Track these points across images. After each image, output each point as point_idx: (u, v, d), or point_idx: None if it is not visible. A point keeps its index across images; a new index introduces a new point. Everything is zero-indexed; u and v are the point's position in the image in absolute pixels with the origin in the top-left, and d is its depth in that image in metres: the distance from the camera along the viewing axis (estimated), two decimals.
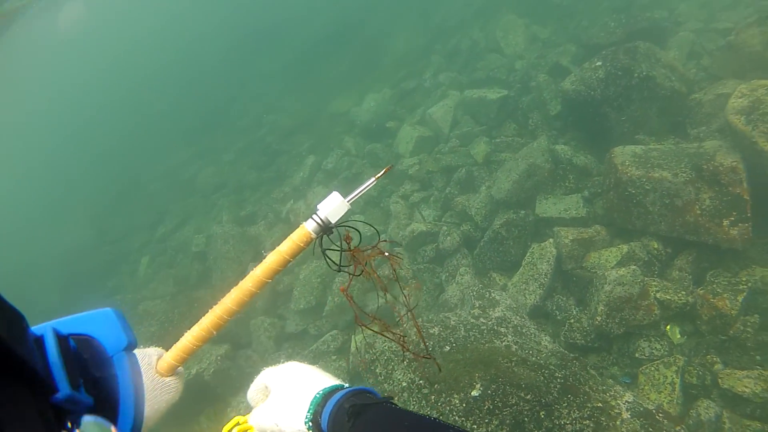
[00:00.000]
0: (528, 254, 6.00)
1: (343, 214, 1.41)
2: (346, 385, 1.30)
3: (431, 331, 4.95)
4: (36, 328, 0.79)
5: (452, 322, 5.06)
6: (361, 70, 13.31)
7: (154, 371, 1.31)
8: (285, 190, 9.90)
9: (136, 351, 1.00)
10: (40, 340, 0.72)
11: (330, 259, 1.44)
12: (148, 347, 1.38)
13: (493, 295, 5.50)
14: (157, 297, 9.25)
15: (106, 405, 0.85)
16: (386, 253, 1.49)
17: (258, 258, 8.48)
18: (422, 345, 4.42)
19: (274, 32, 21.61)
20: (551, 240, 5.97)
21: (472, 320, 5.10)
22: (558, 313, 5.48)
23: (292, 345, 6.94)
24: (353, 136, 10.24)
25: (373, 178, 1.38)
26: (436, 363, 2.19)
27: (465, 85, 9.83)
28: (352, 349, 6.06)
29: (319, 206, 1.39)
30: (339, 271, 1.44)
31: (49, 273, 15.11)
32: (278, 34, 21.21)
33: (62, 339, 0.75)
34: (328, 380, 1.33)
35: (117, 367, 0.90)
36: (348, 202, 1.39)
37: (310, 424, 1.21)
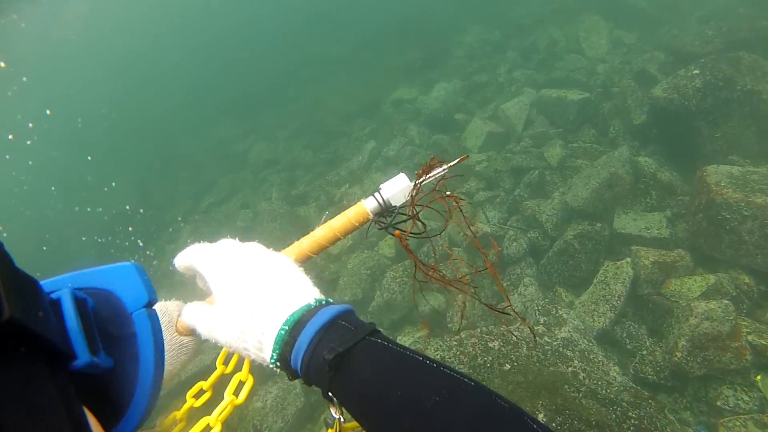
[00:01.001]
0: (601, 272, 5.57)
1: (406, 198, 1.28)
2: (312, 301, 1.04)
3: (490, 345, 4.58)
4: (48, 283, 0.79)
5: (514, 338, 4.67)
6: (430, 59, 12.93)
7: (174, 329, 1.22)
8: (341, 174, 9.59)
9: (155, 306, 0.93)
10: (56, 304, 0.69)
11: (394, 227, 1.29)
12: (169, 300, 1.28)
13: (560, 312, 5.08)
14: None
15: (125, 365, 0.80)
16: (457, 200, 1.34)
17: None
18: (505, 303, 4.04)
19: (340, 14, 21.43)
20: (628, 259, 5.52)
21: (536, 338, 4.71)
22: (628, 342, 5.03)
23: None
24: (418, 125, 9.87)
25: (445, 166, 1.26)
26: (522, 318, 1.92)
27: (542, 84, 9.38)
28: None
29: (382, 186, 1.28)
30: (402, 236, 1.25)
31: (91, 232, 15.22)
32: (343, 17, 21.05)
33: (80, 301, 0.73)
34: (292, 291, 1.07)
35: (137, 325, 0.84)
36: (414, 189, 1.27)
37: (278, 364, 1.00)
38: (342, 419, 1.05)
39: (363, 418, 0.95)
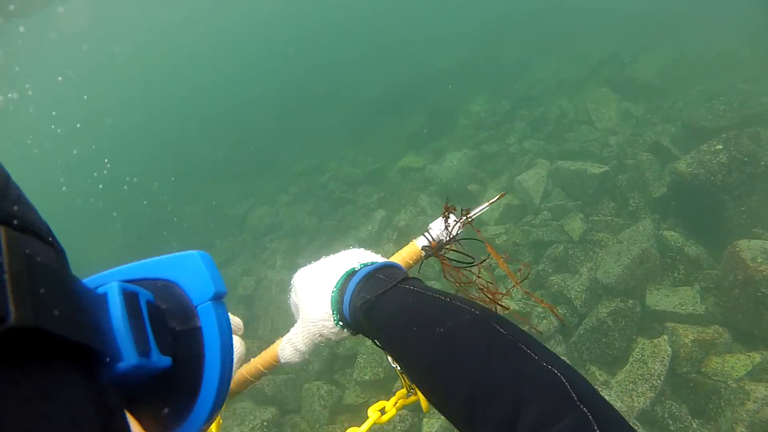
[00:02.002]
0: (637, 350, 5.52)
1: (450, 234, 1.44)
2: (357, 266, 1.31)
3: None
4: (101, 276, 0.76)
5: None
6: (436, 127, 13.12)
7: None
8: (349, 243, 9.53)
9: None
10: (103, 300, 0.64)
11: (451, 259, 1.45)
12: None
13: (601, 394, 4.99)
14: None
15: (188, 363, 0.75)
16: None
17: None
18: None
19: (340, 76, 21.79)
20: (665, 337, 5.48)
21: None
22: (671, 423, 4.94)
23: (350, 419, 6.45)
24: (429, 194, 9.92)
25: (486, 203, 1.46)
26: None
27: (555, 155, 9.53)
28: None
29: (431, 225, 1.47)
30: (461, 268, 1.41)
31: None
32: (344, 81, 21.38)
33: (131, 295, 0.67)
34: (342, 266, 1.34)
35: (202, 319, 0.78)
36: (461, 224, 1.44)
37: (341, 323, 1.26)
38: (399, 367, 1.25)
39: (392, 350, 1.15)
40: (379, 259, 1.39)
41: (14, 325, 0.43)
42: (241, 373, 1.51)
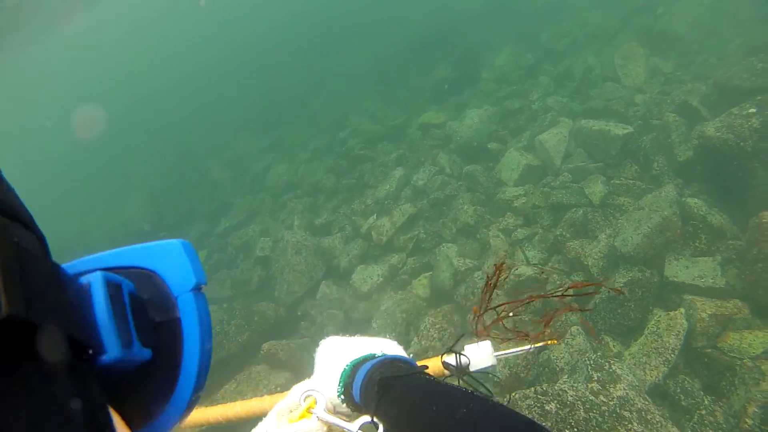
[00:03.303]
0: (653, 323, 5.43)
1: (485, 366, 1.52)
2: (378, 353, 1.36)
3: (546, 408, 4.44)
4: (83, 262, 0.75)
5: (569, 398, 4.54)
6: (458, 81, 12.82)
7: None
8: (366, 202, 9.48)
9: None
10: (86, 291, 0.63)
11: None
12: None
13: (613, 368, 4.93)
14: (212, 299, 8.95)
15: (167, 355, 0.75)
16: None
17: (330, 275, 8.22)
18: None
19: (362, 30, 21.38)
20: (682, 310, 5.38)
21: (591, 397, 4.57)
22: (683, 398, 4.88)
23: None
24: (448, 152, 9.75)
25: (530, 346, 1.45)
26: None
27: (578, 113, 9.27)
28: None
29: (467, 348, 1.53)
30: None
31: (99, 246, 15.12)
32: (366, 33, 20.97)
33: (114, 286, 0.66)
34: (365, 349, 1.39)
35: (182, 310, 0.77)
36: (495, 356, 1.51)
37: (343, 396, 1.29)
38: None
39: (403, 427, 1.14)
40: (404, 354, 1.44)
41: (5, 317, 0.42)
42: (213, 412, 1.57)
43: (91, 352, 0.59)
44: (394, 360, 1.28)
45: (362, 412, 1.27)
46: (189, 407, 0.76)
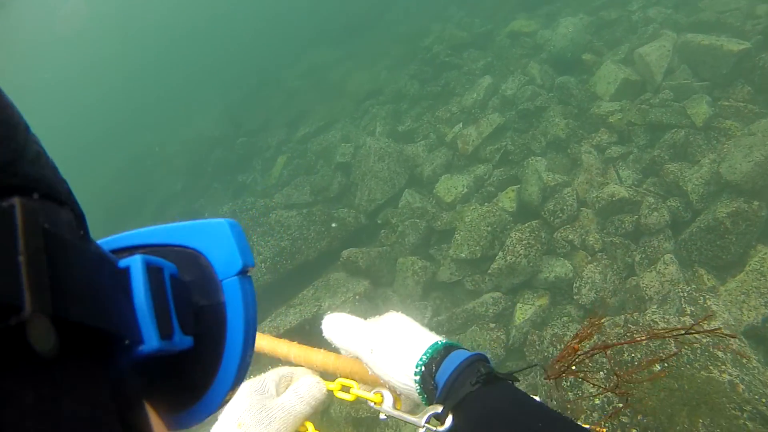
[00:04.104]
0: (756, 259, 5.14)
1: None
2: (463, 347, 1.20)
3: (636, 338, 4.28)
4: (123, 238, 0.69)
5: (660, 329, 4.36)
6: None
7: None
8: (452, 110, 9.20)
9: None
10: (125, 275, 0.58)
11: None
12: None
13: (708, 302, 4.71)
14: (292, 204, 9.00)
15: (209, 342, 0.69)
16: None
17: (412, 184, 8.09)
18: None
19: None
20: None
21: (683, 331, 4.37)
22: None
23: (442, 296, 6.48)
24: (540, 62, 9.25)
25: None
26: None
27: (683, 27, 8.60)
28: (517, 321, 5.51)
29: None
30: None
31: (177, 157, 15.39)
32: None
33: (155, 269, 0.61)
34: (442, 338, 1.23)
35: (226, 294, 0.71)
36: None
37: (422, 368, 1.13)
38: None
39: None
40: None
41: (30, 315, 0.39)
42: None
43: (127, 343, 0.55)
44: (486, 359, 1.15)
45: (427, 398, 1.14)
46: (228, 397, 0.72)
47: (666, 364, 4.08)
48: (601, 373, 4.13)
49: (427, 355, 1.13)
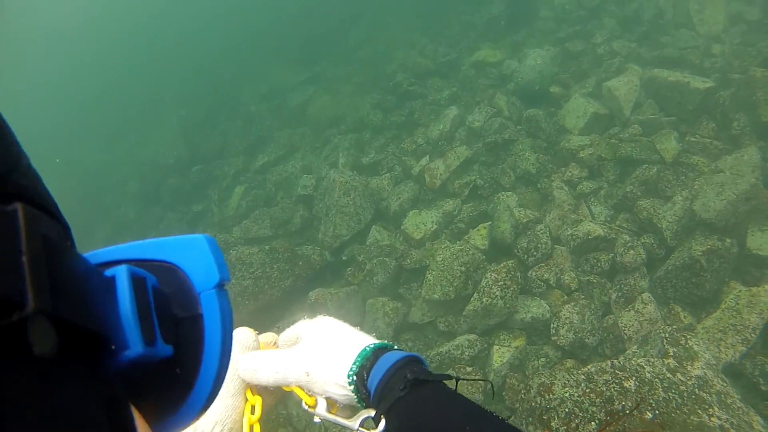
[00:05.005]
0: (731, 297, 5.14)
1: None
2: (396, 346, 1.25)
3: (626, 385, 4.21)
4: (105, 253, 0.73)
5: (647, 375, 4.31)
6: (514, 18, 12.11)
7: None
8: (417, 141, 9.07)
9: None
10: (110, 284, 0.61)
11: None
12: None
13: (690, 343, 4.68)
14: (252, 239, 8.75)
15: (188, 352, 0.72)
16: None
17: (378, 219, 7.95)
18: None
19: None
20: (767, 287, 5.05)
21: (669, 375, 4.33)
22: (762, 382, 4.63)
23: (414, 337, 6.31)
24: (506, 93, 9.23)
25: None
26: None
27: (647, 61, 8.73)
28: (495, 364, 5.39)
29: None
30: None
31: (130, 182, 14.94)
32: None
33: (139, 280, 0.64)
34: (373, 339, 1.27)
35: (204, 306, 0.74)
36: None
37: (354, 378, 1.16)
38: None
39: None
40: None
41: (33, 312, 0.41)
42: None
43: (113, 347, 0.58)
44: (417, 360, 1.19)
45: (366, 404, 1.17)
46: (206, 405, 0.75)
47: (657, 412, 4.00)
48: (593, 423, 4.03)
49: (357, 363, 1.17)
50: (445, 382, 1.14)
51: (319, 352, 1.24)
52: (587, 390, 4.28)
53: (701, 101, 7.20)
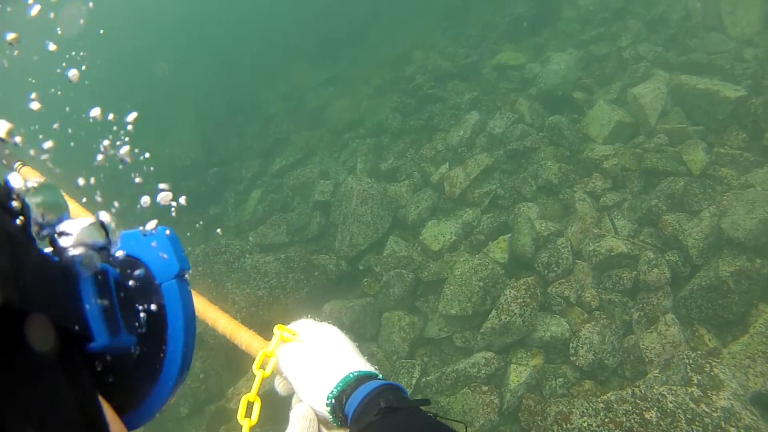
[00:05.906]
0: (761, 322, 4.98)
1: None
2: (381, 375, 1.29)
3: (646, 416, 4.08)
4: None
5: (670, 405, 4.17)
6: (537, 19, 11.91)
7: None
8: (437, 147, 8.94)
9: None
10: (73, 278, 0.65)
11: None
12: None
13: (715, 371, 4.52)
14: (268, 245, 8.68)
15: (152, 341, 0.78)
16: None
17: (396, 227, 7.78)
18: None
19: None
20: None
21: (693, 405, 4.18)
22: None
23: (429, 352, 6.21)
24: (528, 99, 9.08)
25: None
26: None
27: (674, 66, 8.54)
28: (512, 384, 5.26)
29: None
30: None
31: (146, 181, 14.85)
32: None
33: (101, 273, 0.70)
34: (363, 364, 1.31)
35: (166, 297, 0.80)
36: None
37: (333, 401, 1.22)
38: None
39: None
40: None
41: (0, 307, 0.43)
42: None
43: (79, 339, 0.61)
44: (396, 388, 1.21)
45: (343, 427, 1.24)
46: (173, 392, 0.78)
47: None
48: None
49: (338, 388, 1.21)
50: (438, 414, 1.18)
51: (309, 365, 1.30)
52: (606, 420, 4.15)
53: (732, 110, 6.97)
